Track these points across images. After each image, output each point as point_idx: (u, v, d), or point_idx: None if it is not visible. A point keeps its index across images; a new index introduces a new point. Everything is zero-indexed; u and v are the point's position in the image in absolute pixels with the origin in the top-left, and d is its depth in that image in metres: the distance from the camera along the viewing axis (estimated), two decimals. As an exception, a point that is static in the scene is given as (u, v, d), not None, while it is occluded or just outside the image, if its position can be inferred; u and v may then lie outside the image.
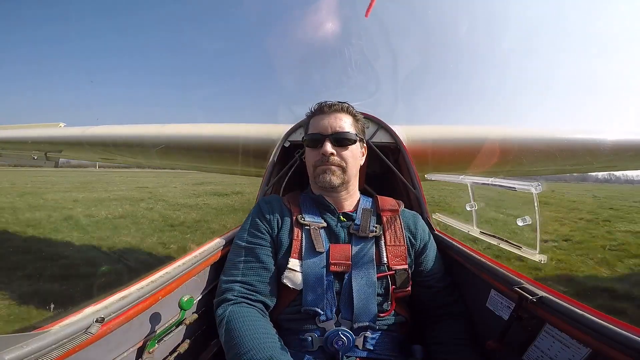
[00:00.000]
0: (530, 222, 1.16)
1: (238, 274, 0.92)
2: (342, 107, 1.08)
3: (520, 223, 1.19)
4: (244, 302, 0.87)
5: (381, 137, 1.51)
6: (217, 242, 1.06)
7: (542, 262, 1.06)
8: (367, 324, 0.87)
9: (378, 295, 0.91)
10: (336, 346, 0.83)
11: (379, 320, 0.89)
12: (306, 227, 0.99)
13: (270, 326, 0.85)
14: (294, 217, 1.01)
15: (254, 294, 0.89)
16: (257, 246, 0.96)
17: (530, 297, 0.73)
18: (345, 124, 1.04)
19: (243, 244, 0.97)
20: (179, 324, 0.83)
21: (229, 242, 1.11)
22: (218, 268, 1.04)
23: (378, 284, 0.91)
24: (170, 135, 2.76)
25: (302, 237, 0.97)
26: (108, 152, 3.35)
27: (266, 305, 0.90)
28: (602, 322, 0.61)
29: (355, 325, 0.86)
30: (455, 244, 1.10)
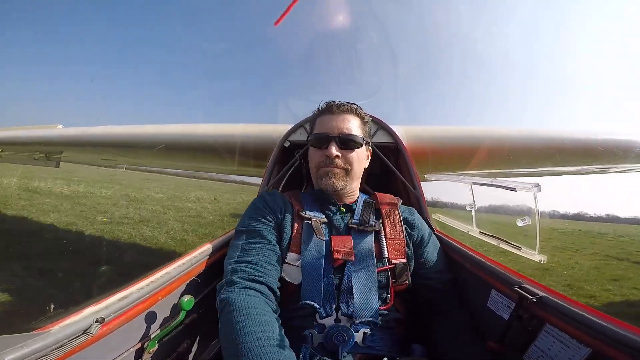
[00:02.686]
0: (530, 223, 1.17)
1: (244, 255, 0.86)
2: (351, 109, 1.06)
3: (519, 223, 1.19)
4: (250, 287, 0.79)
5: (381, 137, 1.52)
6: (217, 242, 1.06)
7: (542, 262, 1.07)
8: (367, 319, 0.86)
9: (378, 289, 0.90)
10: (336, 342, 0.82)
11: (379, 316, 0.88)
12: (307, 221, 0.98)
13: (277, 322, 0.75)
14: (295, 211, 1.01)
15: (263, 275, 0.83)
16: (263, 230, 0.93)
17: (531, 297, 0.73)
18: (353, 125, 1.03)
19: (247, 228, 0.93)
20: (179, 324, 0.83)
21: (229, 242, 1.11)
22: (219, 268, 1.03)
23: (378, 277, 0.91)
24: (170, 135, 2.77)
25: (302, 230, 0.96)
26: (108, 152, 3.35)
27: (273, 291, 0.84)
28: (602, 322, 0.61)
29: (356, 321, 0.85)
30: (455, 244, 1.10)
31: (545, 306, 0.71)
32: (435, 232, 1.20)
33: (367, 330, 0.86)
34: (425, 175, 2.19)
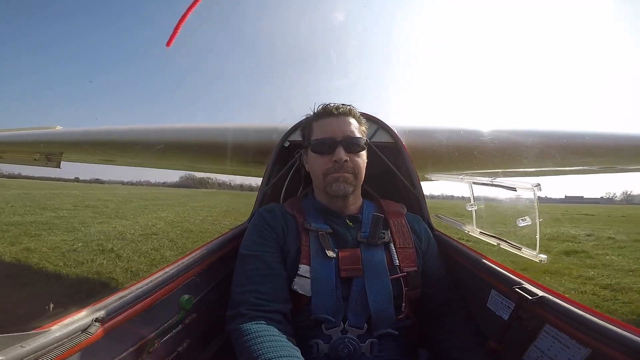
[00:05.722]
0: (530, 223, 1.16)
1: (249, 284, 0.87)
2: (350, 111, 1.04)
3: (520, 223, 1.19)
4: (260, 317, 0.80)
5: (381, 137, 1.51)
6: (217, 242, 1.06)
7: (543, 262, 1.06)
8: (378, 330, 0.85)
9: (393, 299, 0.89)
10: (342, 354, 0.82)
11: (390, 325, 0.87)
12: (313, 233, 0.97)
13: (291, 343, 0.77)
14: (299, 224, 1.00)
15: (270, 303, 0.83)
16: (266, 253, 0.93)
17: (530, 298, 0.73)
18: (354, 128, 1.02)
19: (250, 252, 0.93)
20: (178, 323, 0.83)
21: (230, 241, 1.11)
22: (218, 267, 1.04)
23: (392, 288, 0.90)
24: (170, 135, 2.76)
25: (309, 242, 0.95)
26: (108, 153, 3.35)
27: (284, 314, 0.85)
28: (601, 322, 0.61)
29: (364, 332, 0.85)
30: (455, 244, 1.10)
31: (545, 306, 0.71)
32: (435, 232, 1.20)
33: (375, 340, 0.86)
34: (425, 175, 2.18)
